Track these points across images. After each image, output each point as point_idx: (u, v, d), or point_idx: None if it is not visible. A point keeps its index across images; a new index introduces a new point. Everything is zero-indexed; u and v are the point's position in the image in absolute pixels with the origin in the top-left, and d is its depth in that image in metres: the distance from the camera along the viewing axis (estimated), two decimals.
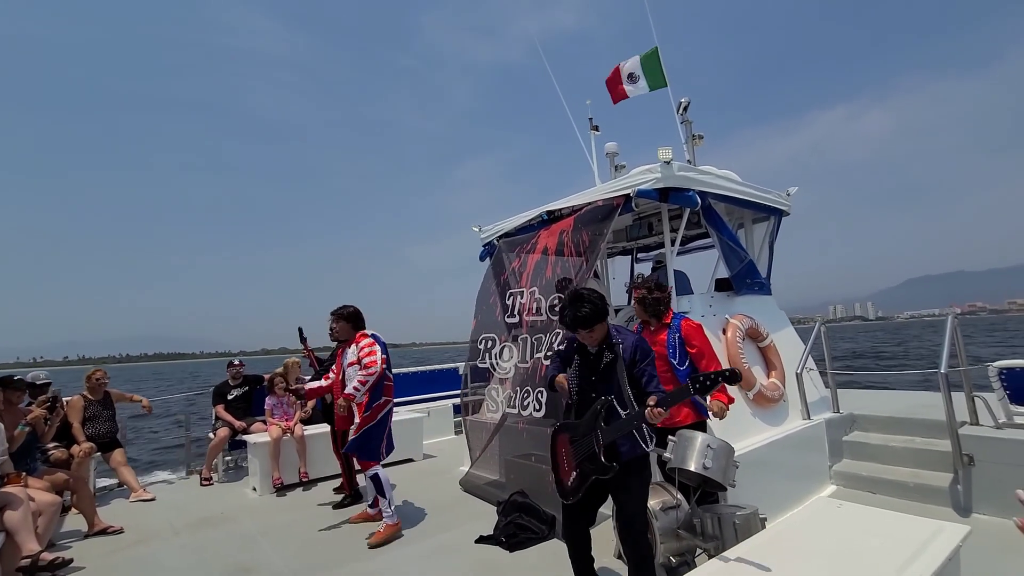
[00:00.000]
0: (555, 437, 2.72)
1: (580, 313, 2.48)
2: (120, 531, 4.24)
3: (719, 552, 2.51)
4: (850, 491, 4.34)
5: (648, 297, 3.41)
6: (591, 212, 4.50)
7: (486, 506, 4.39)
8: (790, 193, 5.59)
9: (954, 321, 4.33)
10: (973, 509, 3.77)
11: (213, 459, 5.79)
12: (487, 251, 6.01)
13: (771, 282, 5.51)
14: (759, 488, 3.50)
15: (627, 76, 5.93)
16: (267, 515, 4.57)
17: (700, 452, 2.87)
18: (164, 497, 5.18)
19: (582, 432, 2.54)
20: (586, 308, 2.48)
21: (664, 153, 4.12)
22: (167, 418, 13.32)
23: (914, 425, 4.57)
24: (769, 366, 4.64)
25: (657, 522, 2.88)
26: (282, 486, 5.24)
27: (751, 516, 2.81)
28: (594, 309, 2.49)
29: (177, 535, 4.16)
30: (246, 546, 3.87)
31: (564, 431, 2.69)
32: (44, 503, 3.50)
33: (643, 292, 3.43)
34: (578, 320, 2.50)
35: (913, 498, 4.01)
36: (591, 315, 2.48)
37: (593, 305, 2.50)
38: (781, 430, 4.27)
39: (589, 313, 2.48)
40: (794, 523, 2.34)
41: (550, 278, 4.62)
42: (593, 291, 2.60)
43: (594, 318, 2.49)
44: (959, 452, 3.87)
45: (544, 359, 4.20)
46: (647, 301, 3.42)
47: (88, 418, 5.08)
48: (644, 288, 3.44)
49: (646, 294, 3.42)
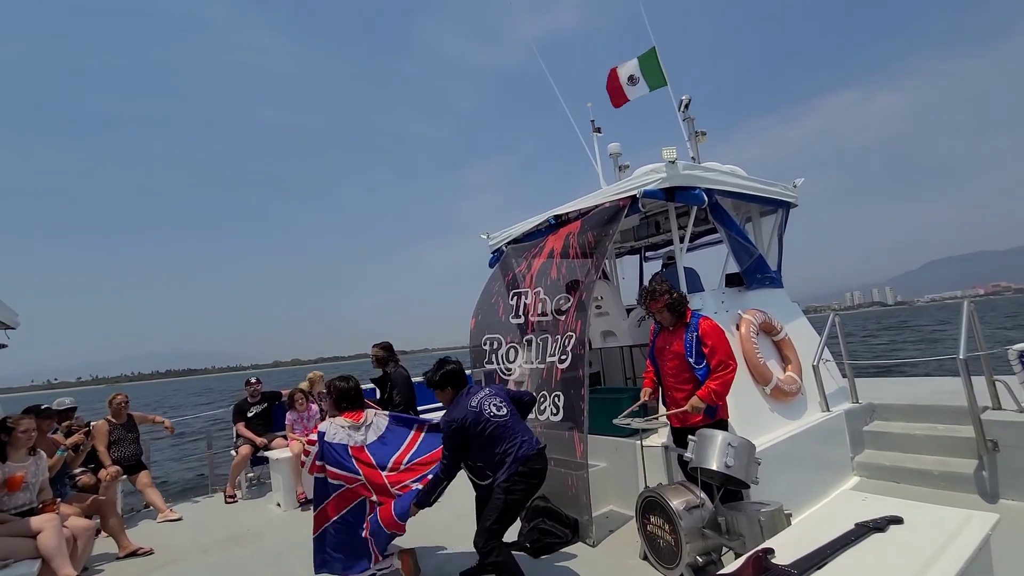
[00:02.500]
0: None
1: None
2: (150, 552, 4.31)
3: (745, 551, 2.52)
4: (873, 482, 4.32)
5: (672, 301, 3.45)
6: (598, 214, 4.52)
7: None
8: (796, 185, 5.58)
9: (970, 305, 4.30)
10: (1000, 495, 3.73)
11: (236, 476, 5.86)
12: (496, 258, 6.04)
13: (782, 274, 5.49)
14: (782, 483, 3.50)
15: (627, 79, 5.95)
16: (293, 530, 4.61)
17: (721, 451, 2.89)
18: (190, 516, 5.26)
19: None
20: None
21: (668, 153, 4.14)
22: (189, 438, 13.48)
23: (935, 412, 4.53)
24: (785, 360, 4.62)
25: (682, 522, 2.89)
26: (306, 500, 5.29)
27: (776, 513, 2.82)
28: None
29: (206, 553, 4.22)
30: (275, 562, 3.92)
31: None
32: (79, 528, 3.59)
33: (667, 298, 3.45)
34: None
35: (938, 486, 3.98)
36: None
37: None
38: (800, 423, 4.26)
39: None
40: (819, 518, 2.34)
41: (555, 279, 4.63)
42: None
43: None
44: (983, 438, 3.84)
45: (559, 363, 4.21)
46: (674, 304, 3.45)
47: (113, 442, 5.17)
48: (666, 294, 3.47)
49: (670, 299, 3.45)
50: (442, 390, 3.26)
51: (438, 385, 3.25)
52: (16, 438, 3.54)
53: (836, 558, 1.90)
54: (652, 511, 3.15)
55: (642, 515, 3.24)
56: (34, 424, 3.68)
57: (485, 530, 2.93)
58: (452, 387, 3.24)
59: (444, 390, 3.25)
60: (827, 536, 2.04)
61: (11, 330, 5.48)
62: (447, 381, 3.24)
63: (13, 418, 3.64)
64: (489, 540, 2.90)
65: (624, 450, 4.06)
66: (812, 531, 2.14)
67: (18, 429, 3.56)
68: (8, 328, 5.43)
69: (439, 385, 3.25)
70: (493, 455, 3.02)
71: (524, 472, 2.98)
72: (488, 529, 2.92)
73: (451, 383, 3.25)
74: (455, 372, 3.28)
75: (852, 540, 2.02)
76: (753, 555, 1.95)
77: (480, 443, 3.03)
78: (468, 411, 3.05)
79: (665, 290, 3.47)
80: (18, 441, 3.55)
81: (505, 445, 3.01)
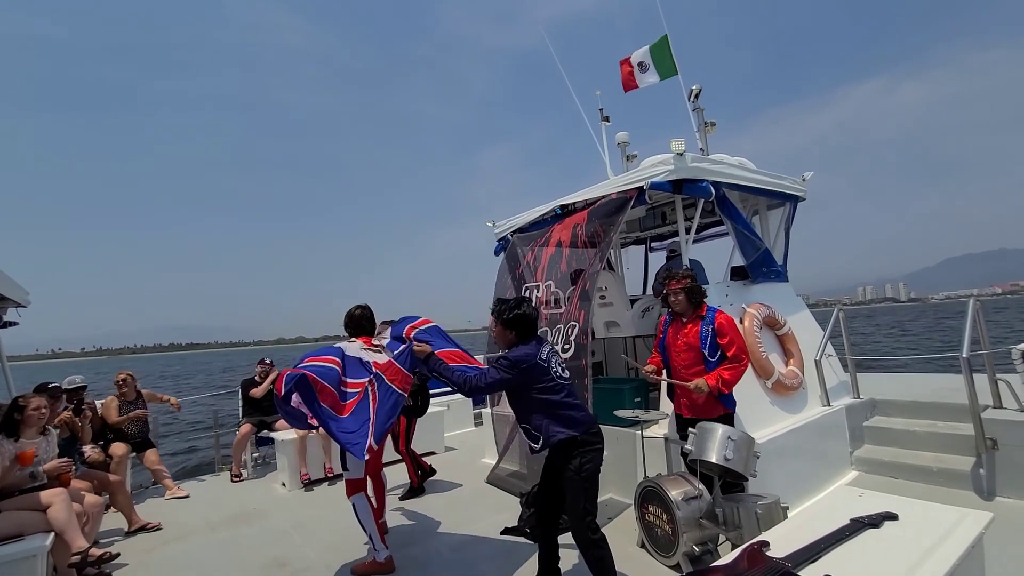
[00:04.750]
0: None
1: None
2: (159, 527, 4.42)
3: (742, 542, 2.56)
4: (872, 476, 4.35)
5: (692, 286, 3.43)
6: (604, 206, 4.51)
7: (509, 498, 4.49)
8: (805, 178, 5.54)
9: (976, 304, 4.28)
10: (997, 493, 3.76)
11: (240, 455, 5.96)
12: (501, 246, 6.05)
13: (788, 268, 5.48)
14: (781, 476, 3.54)
15: (637, 65, 5.88)
16: (298, 510, 4.72)
17: (721, 444, 2.92)
18: (197, 494, 5.37)
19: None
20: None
21: (677, 144, 4.11)
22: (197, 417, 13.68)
23: (936, 409, 4.54)
24: (787, 354, 4.63)
25: (679, 512, 2.94)
26: (309, 481, 5.40)
27: (772, 506, 2.86)
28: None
29: (213, 531, 4.32)
30: (280, 540, 4.01)
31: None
32: (88, 503, 3.67)
33: (687, 282, 3.42)
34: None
35: (936, 482, 4.01)
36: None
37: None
38: (801, 418, 4.28)
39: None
40: (815, 512, 2.38)
41: (565, 271, 4.65)
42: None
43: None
44: (982, 436, 3.85)
45: (562, 352, 4.25)
46: (694, 290, 3.44)
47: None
48: (687, 278, 3.45)
49: (691, 284, 3.43)
50: (506, 329, 2.87)
51: (506, 324, 2.86)
52: (28, 416, 3.61)
53: (830, 552, 1.93)
54: (651, 500, 3.20)
55: (641, 504, 3.30)
56: (45, 402, 3.75)
57: (581, 520, 2.66)
58: (516, 333, 2.86)
59: (508, 331, 2.87)
60: (822, 530, 2.08)
61: (22, 308, 5.57)
62: (516, 324, 2.84)
63: (24, 397, 3.71)
64: (592, 529, 2.66)
65: (625, 440, 4.11)
66: (808, 525, 2.18)
67: (29, 407, 3.63)
68: (19, 306, 5.51)
69: (508, 324, 2.85)
70: (556, 416, 2.73)
71: (587, 440, 2.73)
72: (582, 518, 2.66)
73: (518, 328, 2.85)
74: (529, 319, 2.86)
75: (847, 535, 2.05)
76: (748, 547, 1.99)
77: (539, 402, 2.74)
78: (537, 361, 2.74)
79: (687, 274, 3.48)
80: (30, 419, 3.62)
81: (569, 411, 2.75)
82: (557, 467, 2.79)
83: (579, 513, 2.67)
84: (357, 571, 3.37)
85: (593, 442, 2.76)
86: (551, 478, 2.88)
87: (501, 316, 2.88)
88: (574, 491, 2.69)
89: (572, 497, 2.70)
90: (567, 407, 2.76)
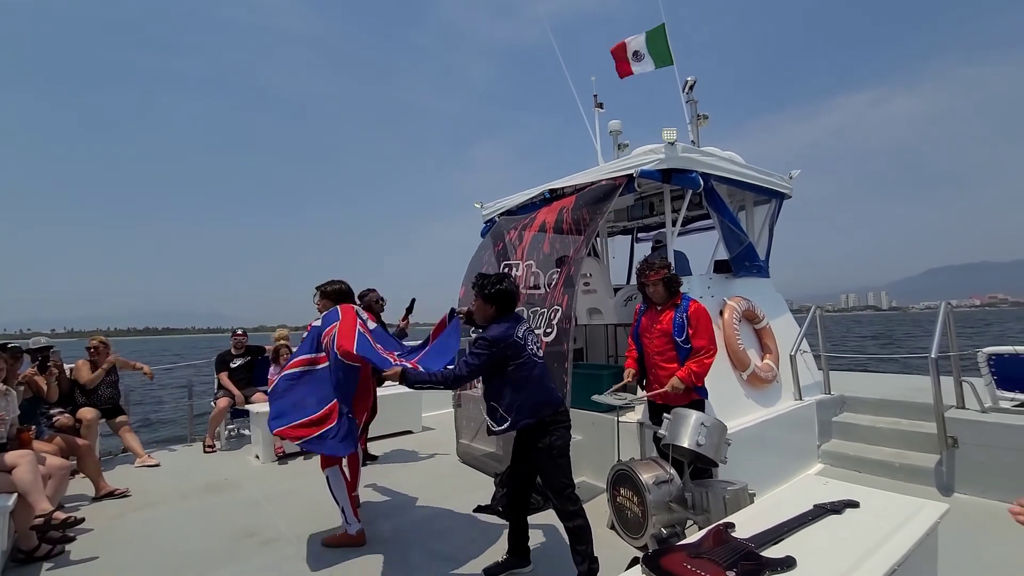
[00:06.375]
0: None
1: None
2: (127, 493, 4.36)
3: (708, 525, 2.62)
4: (837, 469, 4.48)
5: (670, 276, 3.46)
6: (592, 191, 4.50)
7: (484, 477, 4.52)
8: (792, 176, 5.59)
9: (947, 308, 4.40)
10: (955, 489, 3.90)
11: (215, 427, 5.89)
12: (488, 227, 6.02)
13: (773, 270, 5.56)
14: (750, 465, 3.61)
15: (632, 53, 5.85)
16: (271, 482, 4.69)
17: (694, 430, 2.97)
18: (168, 463, 5.30)
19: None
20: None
21: (669, 134, 4.11)
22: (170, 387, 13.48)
23: (902, 407, 4.69)
24: (764, 348, 4.71)
25: (650, 495, 2.99)
26: (283, 455, 5.37)
27: (740, 491, 2.92)
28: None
29: (184, 499, 4.28)
30: (251, 510, 3.99)
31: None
32: (53, 466, 3.59)
33: (666, 272, 3.46)
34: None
35: (898, 477, 4.15)
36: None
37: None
38: (773, 410, 4.38)
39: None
40: (781, 498, 2.43)
41: (548, 253, 4.63)
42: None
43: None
44: (944, 434, 3.98)
45: (544, 336, 4.25)
46: (672, 280, 3.47)
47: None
48: (665, 268, 3.48)
49: (668, 274, 3.46)
50: (487, 303, 2.87)
51: (487, 298, 2.86)
52: None
53: (793, 535, 1.99)
54: (623, 483, 3.25)
55: (612, 487, 3.34)
56: (2, 363, 3.63)
57: (561, 493, 2.74)
58: (497, 309, 2.86)
59: (488, 305, 2.87)
60: (787, 515, 2.14)
61: None
62: (497, 299, 2.85)
63: None
64: (572, 500, 2.75)
65: (601, 425, 4.16)
66: (773, 509, 2.23)
67: None
68: None
69: (489, 299, 2.86)
70: (527, 395, 2.75)
71: (556, 419, 2.79)
72: (562, 491, 2.75)
73: (499, 304, 2.85)
74: (510, 295, 2.88)
75: (809, 519, 2.11)
76: (714, 528, 2.03)
77: (511, 378, 2.76)
78: (514, 338, 2.76)
79: (665, 264, 3.51)
80: None
81: (539, 390, 2.79)
82: (527, 447, 2.85)
83: (559, 487, 2.77)
84: (328, 543, 3.37)
85: (561, 420, 2.84)
86: (521, 458, 2.93)
87: (484, 290, 2.89)
88: (549, 469, 2.78)
89: (549, 474, 2.79)
90: (538, 385, 2.81)
